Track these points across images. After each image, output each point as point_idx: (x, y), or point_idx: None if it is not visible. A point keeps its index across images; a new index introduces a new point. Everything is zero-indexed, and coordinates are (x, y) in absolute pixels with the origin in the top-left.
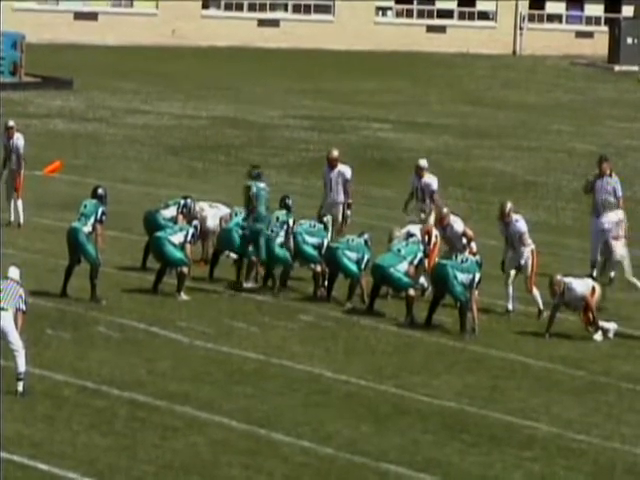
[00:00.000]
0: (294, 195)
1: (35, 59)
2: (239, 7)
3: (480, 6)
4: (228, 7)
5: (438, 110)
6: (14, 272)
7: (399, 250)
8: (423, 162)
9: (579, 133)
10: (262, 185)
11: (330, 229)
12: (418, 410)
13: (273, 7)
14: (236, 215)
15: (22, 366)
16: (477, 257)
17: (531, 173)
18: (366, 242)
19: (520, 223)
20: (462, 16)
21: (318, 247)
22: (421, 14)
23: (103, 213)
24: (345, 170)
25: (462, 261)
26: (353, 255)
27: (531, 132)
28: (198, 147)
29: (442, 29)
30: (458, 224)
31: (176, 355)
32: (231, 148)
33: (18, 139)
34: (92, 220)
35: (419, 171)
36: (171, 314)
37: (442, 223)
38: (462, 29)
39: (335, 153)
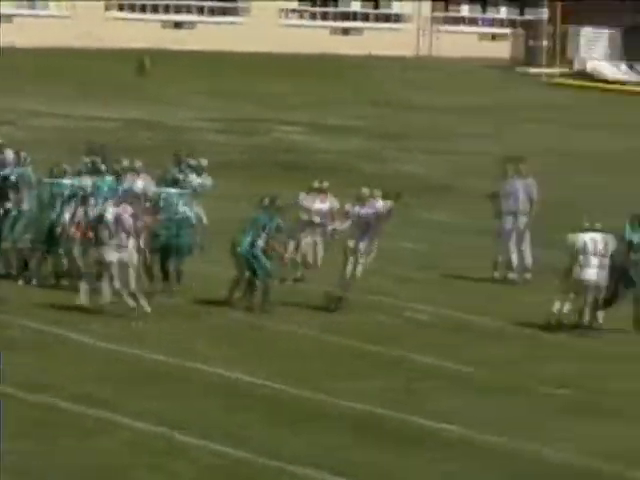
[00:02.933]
0: (209, 197)
1: None
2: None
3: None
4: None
5: (349, 112)
6: None
7: None
8: None
9: (494, 135)
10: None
11: None
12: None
13: (187, 8)
14: None
15: None
16: None
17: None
18: None
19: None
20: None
21: None
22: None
23: None
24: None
25: None
26: None
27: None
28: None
29: (347, 31)
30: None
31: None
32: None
33: None
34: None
35: None
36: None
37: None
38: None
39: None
